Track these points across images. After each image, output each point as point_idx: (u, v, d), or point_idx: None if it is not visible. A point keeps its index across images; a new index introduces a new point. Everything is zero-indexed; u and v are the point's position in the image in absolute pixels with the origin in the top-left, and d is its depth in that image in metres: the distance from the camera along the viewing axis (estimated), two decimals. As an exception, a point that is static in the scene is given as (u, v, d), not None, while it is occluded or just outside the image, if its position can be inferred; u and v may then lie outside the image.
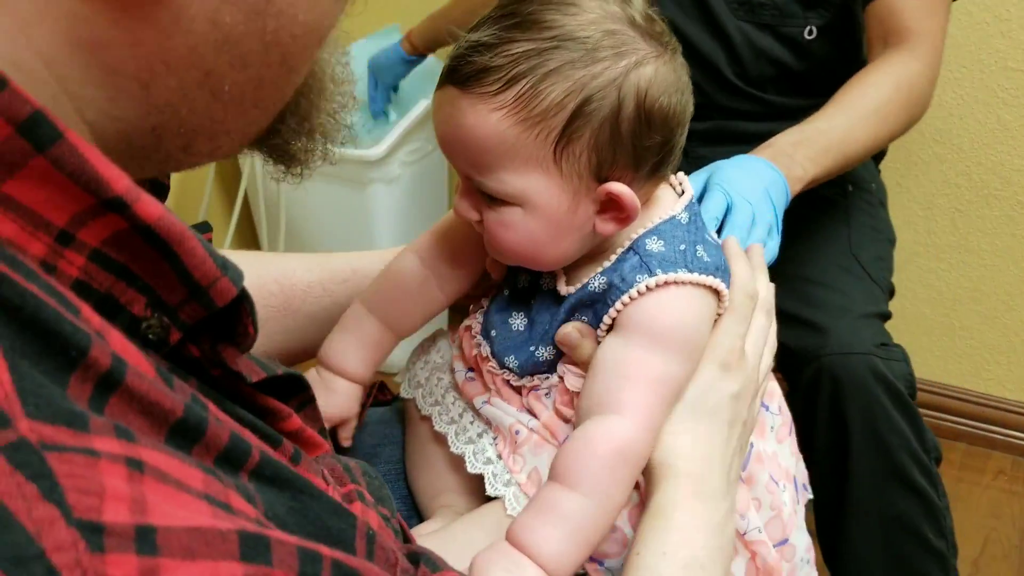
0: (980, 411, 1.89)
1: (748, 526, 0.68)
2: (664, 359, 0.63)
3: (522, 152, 0.61)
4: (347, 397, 0.74)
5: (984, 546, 1.68)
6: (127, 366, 0.32)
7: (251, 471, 0.36)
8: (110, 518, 0.28)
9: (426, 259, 0.74)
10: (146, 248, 0.35)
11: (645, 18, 0.62)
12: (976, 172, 1.71)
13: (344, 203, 1.85)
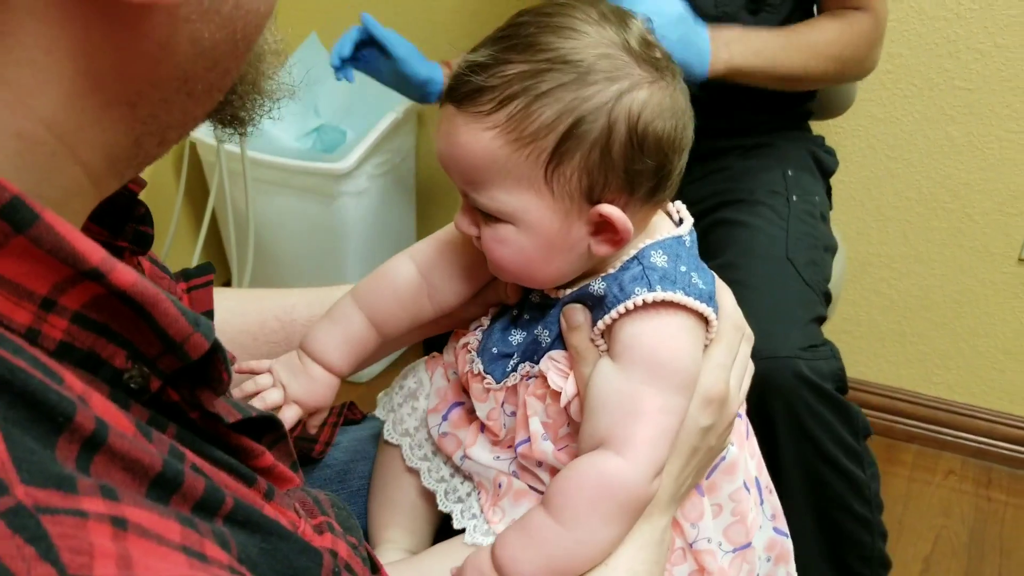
0: (931, 414, 1.94)
1: (697, 535, 0.70)
2: (660, 392, 0.63)
3: (514, 171, 0.62)
4: (324, 386, 0.74)
5: (935, 544, 1.74)
6: (109, 428, 0.34)
7: (225, 516, 0.39)
8: (100, 573, 0.30)
9: (420, 266, 0.74)
10: (123, 309, 0.38)
11: (641, 43, 0.63)
12: (926, 186, 1.76)
13: (313, 216, 1.86)
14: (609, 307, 0.64)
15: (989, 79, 1.65)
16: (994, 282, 1.79)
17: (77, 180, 0.39)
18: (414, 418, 0.78)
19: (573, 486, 0.63)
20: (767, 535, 0.75)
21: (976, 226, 1.76)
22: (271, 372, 0.74)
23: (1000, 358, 1.86)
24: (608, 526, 0.63)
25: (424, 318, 0.75)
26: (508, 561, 0.63)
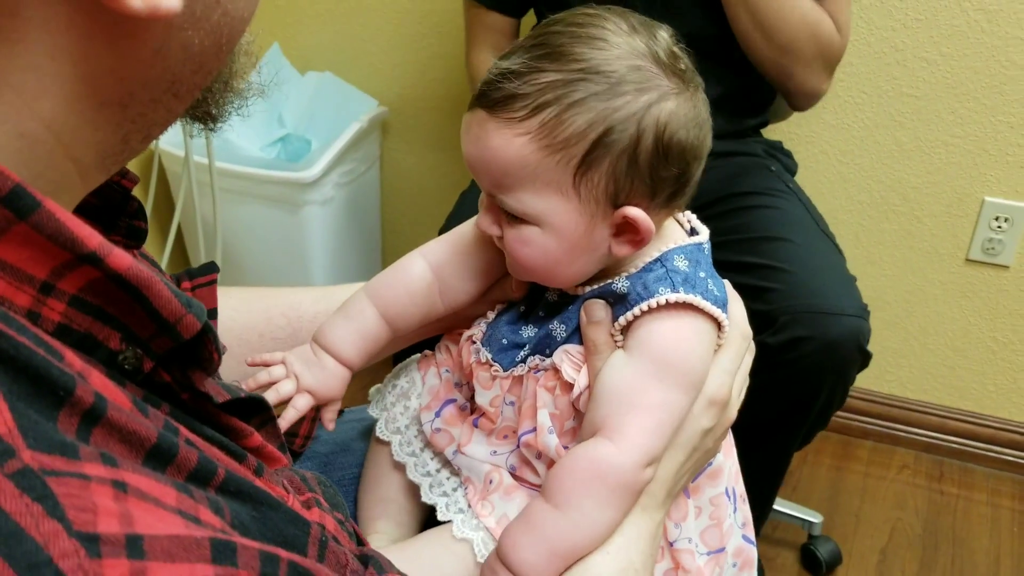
0: (885, 411, 2.00)
1: (680, 535, 0.72)
2: (665, 387, 0.65)
3: (543, 176, 0.63)
4: (337, 378, 0.76)
5: (891, 536, 1.79)
6: (107, 401, 0.36)
7: (218, 486, 0.41)
8: (104, 529, 0.32)
9: (433, 265, 0.76)
10: (118, 292, 0.40)
11: (669, 55, 0.64)
12: (876, 190, 1.82)
13: (279, 225, 1.87)
14: (632, 304, 0.66)
15: (935, 86, 1.71)
16: (943, 282, 1.86)
17: (68, 175, 0.41)
18: (406, 417, 0.80)
19: (566, 471, 0.65)
20: (737, 542, 0.77)
21: (925, 228, 1.82)
22: (284, 364, 0.75)
23: (949, 355, 1.92)
24: (601, 509, 0.65)
25: (435, 315, 0.77)
26: (511, 549, 0.65)
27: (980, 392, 1.93)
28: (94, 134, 0.41)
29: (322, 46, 2.01)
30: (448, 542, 0.71)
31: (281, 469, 0.53)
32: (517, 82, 0.63)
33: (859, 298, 1.30)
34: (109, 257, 0.39)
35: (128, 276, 0.39)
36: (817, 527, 1.71)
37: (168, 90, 0.43)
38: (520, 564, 0.65)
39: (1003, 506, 1.88)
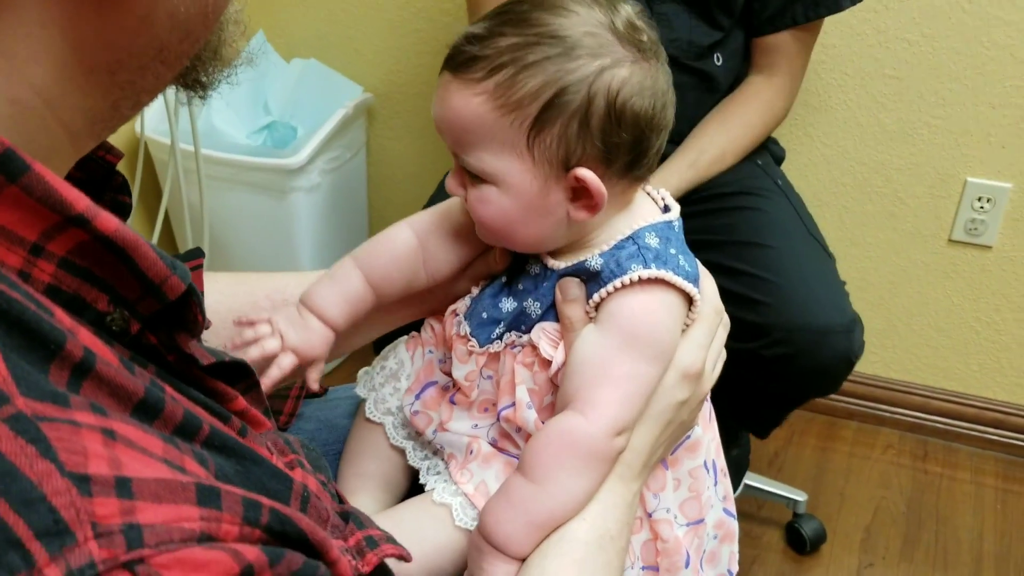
0: (869, 391, 2.02)
1: (658, 505, 0.74)
2: (633, 359, 0.67)
3: (499, 135, 0.65)
4: (321, 337, 0.77)
5: (875, 514, 1.81)
6: (96, 356, 0.38)
7: (203, 441, 0.42)
8: (94, 471, 0.34)
9: (419, 233, 0.78)
10: (106, 254, 0.41)
11: (627, 26, 0.66)
12: (860, 171, 1.83)
13: (265, 212, 1.88)
14: (605, 281, 0.67)
15: (917, 68, 1.72)
16: (926, 263, 1.87)
17: (58, 140, 0.43)
18: (396, 398, 0.81)
19: (540, 445, 0.67)
20: (718, 515, 0.79)
21: (908, 209, 1.84)
22: (270, 322, 0.77)
23: (933, 335, 1.93)
24: (575, 479, 0.67)
25: (417, 284, 0.79)
26: (492, 523, 0.67)
27: (964, 372, 1.95)
28: (84, 100, 0.42)
29: (307, 33, 2.02)
30: (428, 507, 0.73)
31: (265, 432, 0.54)
32: (478, 45, 0.65)
33: (848, 309, 1.33)
34: (97, 219, 0.40)
35: (115, 238, 0.40)
36: (802, 505, 1.73)
37: (156, 57, 0.44)
38: (502, 537, 0.66)
39: (986, 484, 1.90)
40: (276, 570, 0.38)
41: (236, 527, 0.38)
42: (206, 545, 0.36)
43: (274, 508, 0.40)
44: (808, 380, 1.32)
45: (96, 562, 0.32)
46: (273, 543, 0.39)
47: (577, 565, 0.66)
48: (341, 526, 0.51)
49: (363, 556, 0.50)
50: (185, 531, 0.35)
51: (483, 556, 0.68)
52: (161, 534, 0.34)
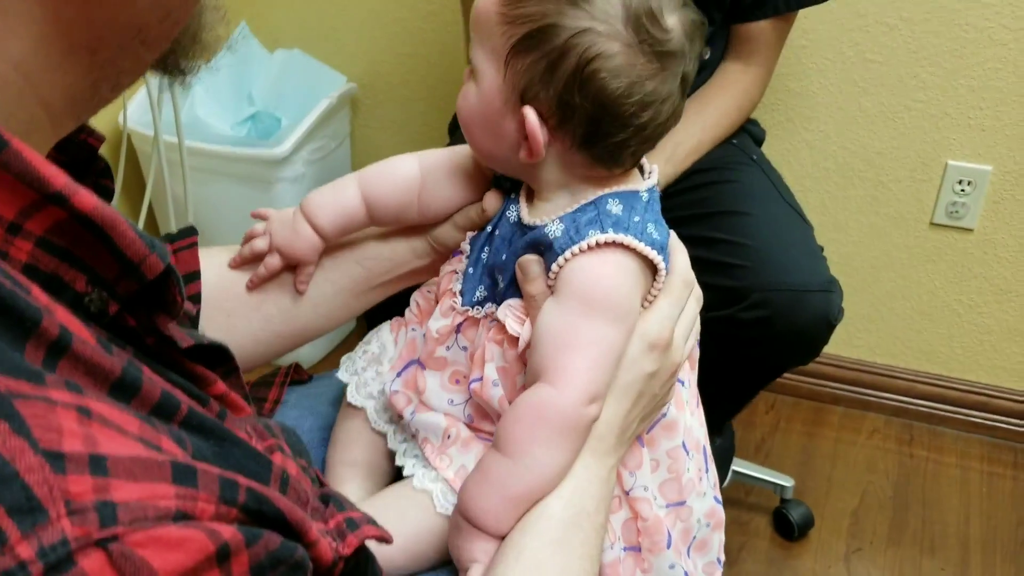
0: (854, 376, 2.02)
1: (635, 483, 0.74)
2: (593, 324, 0.67)
3: (493, 40, 0.68)
4: (307, 242, 0.80)
5: (862, 498, 1.82)
6: (72, 335, 0.37)
7: (181, 421, 0.41)
8: (68, 448, 0.33)
9: (423, 167, 0.80)
10: (84, 233, 0.40)
11: (648, 16, 0.65)
12: (842, 156, 1.84)
13: (250, 202, 1.84)
14: (561, 250, 0.68)
15: (897, 51, 1.73)
16: (908, 246, 1.88)
17: (37, 117, 0.42)
18: (378, 382, 0.81)
19: (512, 419, 0.67)
20: (709, 503, 0.79)
21: (890, 193, 1.84)
22: (268, 220, 0.81)
23: (916, 319, 1.94)
24: (550, 451, 0.67)
25: (407, 216, 0.81)
26: (469, 501, 0.67)
27: (948, 355, 1.96)
28: (63, 78, 0.42)
29: (290, 23, 2.02)
30: (409, 493, 0.74)
31: (245, 417, 0.54)
32: None
33: (826, 271, 1.32)
34: (75, 197, 0.39)
35: (93, 216, 0.40)
36: (789, 491, 1.74)
37: (136, 37, 0.44)
38: (480, 514, 0.67)
39: (972, 467, 1.91)
40: (253, 550, 0.38)
41: (212, 506, 0.37)
42: (181, 523, 0.36)
43: (251, 487, 0.40)
44: (787, 344, 1.31)
45: (69, 539, 0.32)
46: (250, 523, 0.39)
47: (556, 543, 0.66)
48: (321, 509, 0.51)
49: (343, 538, 0.50)
50: (160, 509, 0.35)
51: (461, 534, 0.68)
52: (135, 512, 0.34)
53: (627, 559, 0.74)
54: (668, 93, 0.68)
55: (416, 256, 0.84)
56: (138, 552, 0.34)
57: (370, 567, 0.53)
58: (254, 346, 0.85)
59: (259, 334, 0.85)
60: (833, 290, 1.30)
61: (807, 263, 1.31)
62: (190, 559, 0.35)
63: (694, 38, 0.68)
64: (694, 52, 0.68)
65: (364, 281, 0.85)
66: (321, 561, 0.45)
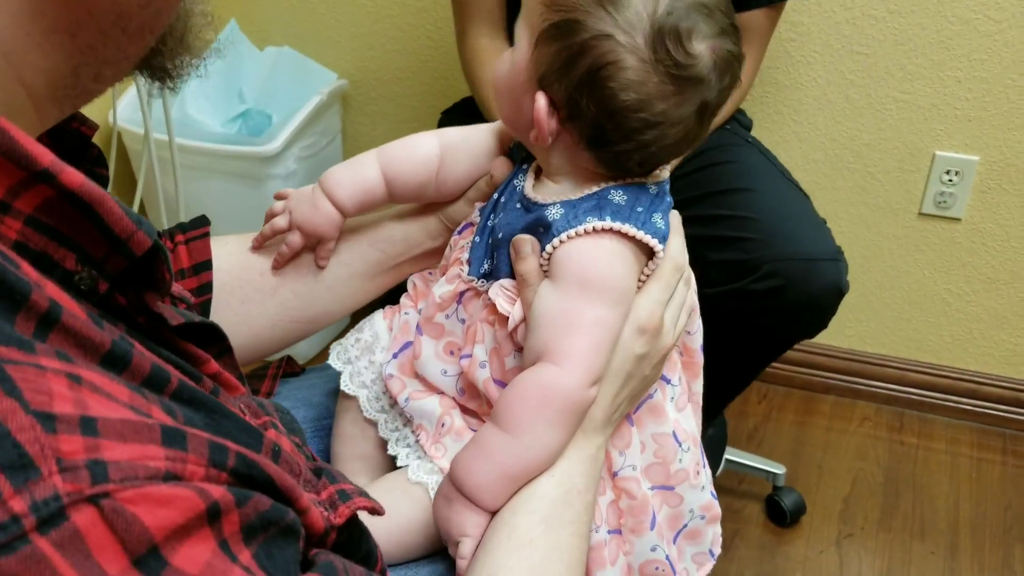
0: (845, 365, 2.04)
1: (624, 463, 0.74)
2: (593, 305, 0.67)
3: (532, 16, 0.69)
4: (326, 218, 0.81)
5: (853, 485, 1.83)
6: (62, 308, 0.38)
7: (171, 394, 0.42)
8: (59, 409, 0.34)
9: (442, 144, 0.81)
10: (72, 211, 0.41)
11: (673, 37, 0.64)
12: (830, 147, 1.85)
13: (241, 199, 1.87)
14: (557, 232, 0.68)
15: (884, 43, 1.74)
16: (897, 236, 1.89)
17: (20, 100, 0.43)
18: (371, 371, 0.81)
19: (516, 396, 0.68)
20: (706, 498, 0.80)
21: (879, 184, 1.86)
22: (287, 199, 0.82)
23: (906, 308, 1.96)
24: (551, 430, 0.68)
25: (426, 193, 0.82)
26: (464, 474, 0.67)
27: (937, 344, 1.98)
28: (44, 61, 0.43)
29: (280, 21, 2.02)
30: (404, 485, 0.74)
31: (239, 396, 0.55)
32: None
33: (832, 241, 1.34)
34: (62, 174, 0.40)
35: (80, 193, 0.41)
36: (781, 478, 1.75)
37: (116, 23, 0.44)
38: (475, 488, 0.67)
39: (961, 454, 1.93)
40: (243, 510, 0.39)
41: (202, 468, 0.38)
42: (171, 483, 0.36)
43: (241, 452, 0.41)
44: (798, 314, 1.31)
45: (61, 494, 0.33)
46: (240, 486, 0.40)
47: (547, 522, 0.67)
48: (314, 481, 0.52)
49: (335, 508, 0.51)
50: (150, 469, 0.36)
51: (452, 506, 0.68)
52: (126, 470, 0.35)
53: (611, 542, 0.74)
54: (680, 118, 0.67)
55: (430, 237, 0.84)
56: (129, 508, 0.34)
57: (364, 540, 0.54)
58: (270, 332, 0.86)
59: (275, 320, 0.85)
60: (841, 259, 1.32)
61: (814, 234, 1.33)
62: (181, 516, 0.36)
63: (724, 70, 0.67)
64: (721, 84, 0.67)
65: (378, 264, 0.86)
66: (313, 529, 0.46)
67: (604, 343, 0.68)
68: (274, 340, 0.87)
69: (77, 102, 0.47)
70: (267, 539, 0.41)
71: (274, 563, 0.40)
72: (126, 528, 0.34)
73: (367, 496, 0.54)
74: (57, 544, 0.32)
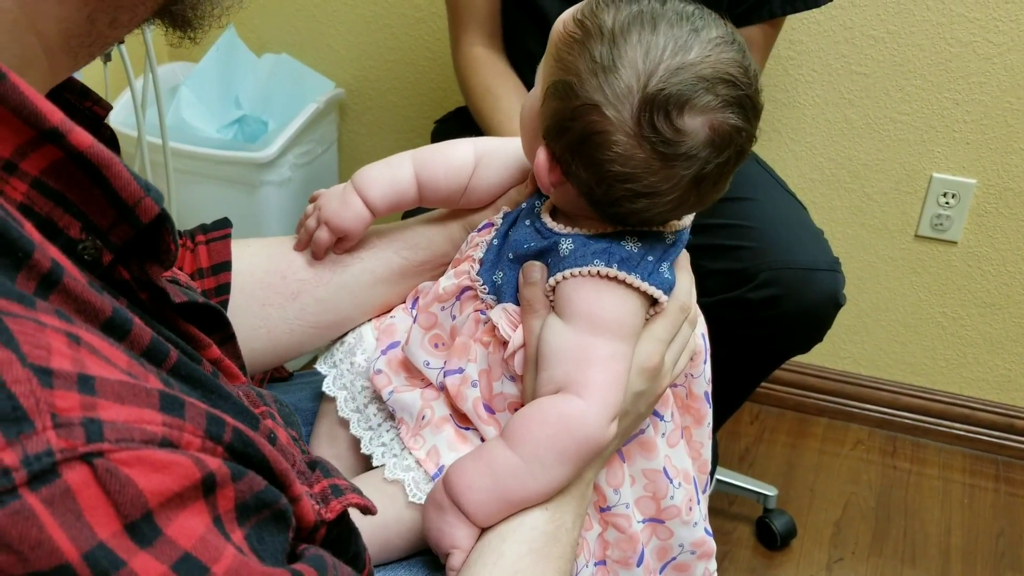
0: (838, 387, 2.02)
1: (618, 500, 0.74)
2: (607, 340, 0.67)
3: (547, 66, 0.68)
4: (355, 215, 0.80)
5: (844, 509, 1.82)
6: (64, 269, 0.37)
7: (169, 369, 0.41)
8: (57, 365, 0.33)
9: (477, 152, 0.81)
10: (79, 176, 0.40)
11: (663, 113, 0.62)
12: (828, 167, 1.85)
13: (235, 205, 1.86)
14: (565, 266, 0.68)
15: (882, 64, 1.74)
16: (893, 258, 1.88)
17: (33, 50, 0.42)
18: (352, 373, 0.81)
19: (536, 422, 0.66)
20: (699, 534, 0.79)
21: (875, 205, 1.85)
22: (319, 198, 0.82)
23: (901, 331, 1.95)
24: (561, 464, 0.66)
25: (455, 198, 0.81)
26: (464, 488, 0.66)
27: (931, 367, 1.97)
28: (58, 8, 0.42)
29: (278, 28, 2.02)
30: (381, 484, 0.73)
31: (238, 385, 0.54)
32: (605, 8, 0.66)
33: (829, 250, 1.34)
34: (71, 134, 0.39)
35: (89, 154, 0.40)
36: (772, 500, 1.73)
37: None
38: (471, 504, 0.66)
39: (954, 480, 1.91)
40: (239, 486, 0.38)
41: (199, 439, 0.37)
42: (167, 450, 0.35)
43: (238, 428, 0.40)
44: (795, 324, 1.30)
45: (54, 450, 0.32)
46: (235, 462, 0.39)
47: (535, 554, 0.66)
48: (307, 473, 0.51)
49: (327, 503, 0.50)
50: (147, 432, 0.35)
51: (444, 516, 0.67)
52: (122, 431, 0.34)
53: (596, 574, 0.74)
54: (671, 189, 0.65)
55: (453, 245, 0.83)
56: (123, 470, 0.33)
57: (353, 540, 0.53)
58: (288, 337, 0.85)
59: (294, 324, 0.84)
60: (838, 270, 1.32)
61: (812, 243, 1.32)
62: (176, 483, 0.35)
63: (723, 145, 0.64)
64: (720, 158, 0.64)
65: (401, 270, 0.85)
66: (303, 521, 0.45)
67: (621, 377, 0.68)
68: (291, 345, 0.85)
69: (93, 50, 0.46)
70: (260, 522, 0.40)
71: (265, 547, 0.39)
72: (119, 490, 0.33)
73: (360, 493, 0.53)
74: (47, 501, 0.31)
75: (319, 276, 0.84)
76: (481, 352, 0.72)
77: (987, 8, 1.66)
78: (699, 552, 0.80)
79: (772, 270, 1.28)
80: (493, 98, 1.38)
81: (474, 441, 0.73)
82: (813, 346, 1.36)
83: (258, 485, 0.39)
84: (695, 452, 0.80)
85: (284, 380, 0.96)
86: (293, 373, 0.97)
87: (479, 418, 0.72)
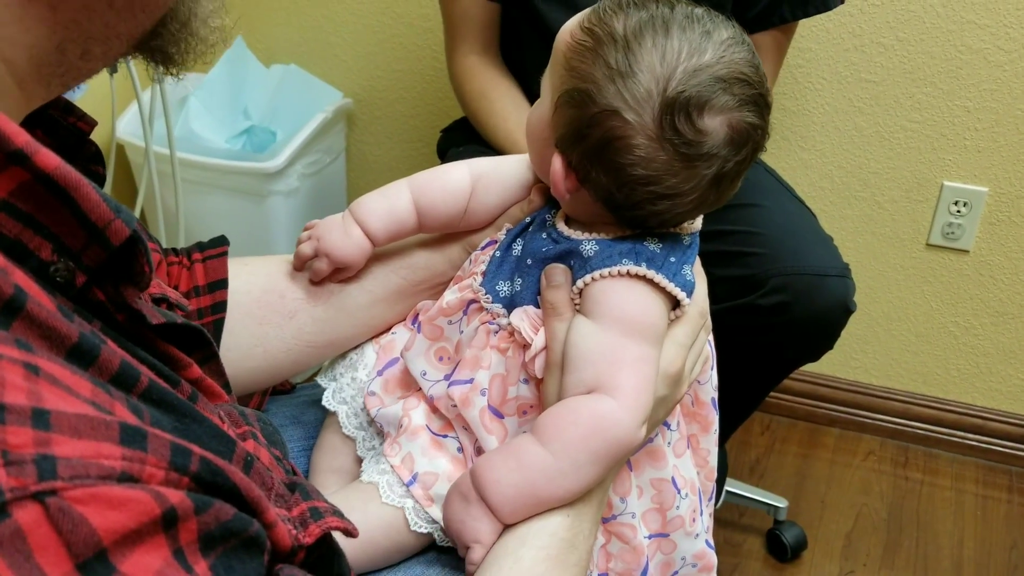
0: (850, 397, 2.01)
1: (624, 509, 0.73)
2: (637, 343, 0.67)
3: (554, 76, 0.69)
4: (356, 246, 0.79)
5: (856, 520, 1.80)
6: (28, 295, 0.36)
7: (140, 393, 0.40)
8: (10, 400, 0.32)
9: (473, 172, 0.80)
10: (48, 197, 0.39)
11: (683, 114, 0.63)
12: (838, 175, 1.83)
13: (243, 215, 1.87)
14: (593, 268, 0.68)
15: (892, 71, 1.73)
16: (904, 267, 1.87)
17: (2, 79, 0.41)
18: (352, 387, 0.81)
19: (569, 421, 0.66)
20: (700, 546, 0.79)
21: (886, 213, 1.84)
22: (314, 227, 0.81)
23: (913, 341, 1.93)
24: (592, 464, 0.66)
25: (455, 222, 0.81)
26: (492, 482, 0.65)
27: (943, 377, 1.95)
28: (24, 35, 0.41)
29: (286, 39, 2.02)
30: (356, 486, 0.74)
31: (220, 404, 0.53)
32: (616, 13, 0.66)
33: (839, 256, 1.32)
34: (36, 155, 0.38)
35: (55, 176, 0.39)
36: (783, 512, 1.72)
37: None
38: (498, 498, 0.65)
39: (967, 491, 1.89)
40: (203, 518, 0.37)
41: (161, 471, 0.36)
42: (126, 485, 0.34)
43: (206, 457, 0.39)
44: (805, 330, 1.29)
45: (3, 489, 0.31)
46: (202, 492, 0.38)
47: (551, 560, 0.65)
48: (286, 495, 0.50)
49: (306, 527, 0.49)
50: (104, 468, 0.34)
51: (469, 508, 0.67)
52: (77, 468, 0.33)
53: None
54: (692, 189, 0.67)
55: (452, 266, 0.83)
56: (77, 508, 0.32)
57: (336, 562, 0.52)
58: (284, 356, 0.84)
59: (291, 343, 0.84)
60: (848, 276, 1.30)
61: (822, 249, 1.31)
62: (132, 520, 0.34)
63: (742, 143, 0.65)
64: (739, 156, 0.66)
65: (399, 291, 0.84)
66: (279, 544, 0.44)
67: (650, 379, 0.68)
68: (287, 364, 0.85)
69: (66, 80, 0.46)
70: (227, 550, 0.39)
71: (233, 575, 0.38)
72: (72, 529, 0.32)
73: (341, 516, 0.52)
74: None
75: (317, 296, 0.84)
76: (497, 358, 0.71)
77: (998, 15, 1.64)
78: (700, 565, 0.79)
79: (781, 276, 1.27)
80: (488, 101, 1.39)
81: (450, 448, 0.73)
82: (823, 353, 1.35)
83: (226, 514, 0.38)
84: (702, 460, 0.80)
85: (287, 392, 0.95)
86: (296, 385, 0.97)
87: (483, 426, 0.71)
